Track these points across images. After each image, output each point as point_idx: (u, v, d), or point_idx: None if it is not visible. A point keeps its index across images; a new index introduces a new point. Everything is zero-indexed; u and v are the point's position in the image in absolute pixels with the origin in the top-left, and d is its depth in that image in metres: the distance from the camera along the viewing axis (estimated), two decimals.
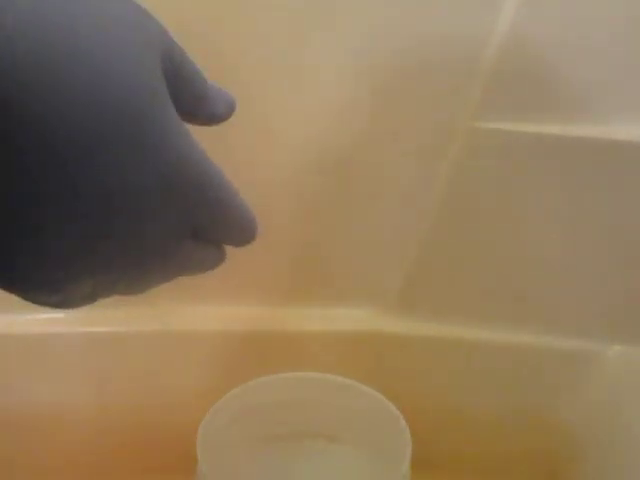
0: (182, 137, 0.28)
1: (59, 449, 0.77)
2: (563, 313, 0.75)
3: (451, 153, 0.70)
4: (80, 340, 0.74)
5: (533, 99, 0.68)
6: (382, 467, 0.68)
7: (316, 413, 0.71)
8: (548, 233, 0.73)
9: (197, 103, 0.31)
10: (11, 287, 0.28)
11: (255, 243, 0.75)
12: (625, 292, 0.74)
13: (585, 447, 0.76)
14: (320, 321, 0.76)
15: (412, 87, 0.68)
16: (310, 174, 0.72)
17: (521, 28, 0.66)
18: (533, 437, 0.78)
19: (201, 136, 0.29)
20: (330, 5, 0.67)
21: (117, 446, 0.78)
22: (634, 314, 0.74)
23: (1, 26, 0.23)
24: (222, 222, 0.31)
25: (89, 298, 0.31)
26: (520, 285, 0.75)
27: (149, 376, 0.77)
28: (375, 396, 0.68)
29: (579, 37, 0.66)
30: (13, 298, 0.28)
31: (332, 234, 0.75)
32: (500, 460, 0.79)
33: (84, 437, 0.77)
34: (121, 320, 0.73)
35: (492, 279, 0.75)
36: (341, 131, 0.70)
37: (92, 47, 0.25)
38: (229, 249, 0.35)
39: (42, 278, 0.27)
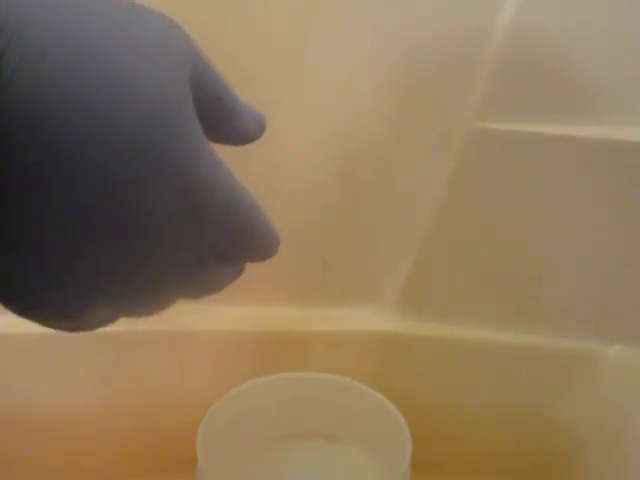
0: (209, 157, 0.27)
1: (59, 449, 0.77)
2: (563, 313, 0.75)
3: (451, 153, 0.70)
4: (80, 340, 0.74)
5: (534, 99, 0.68)
6: (382, 467, 0.68)
7: (316, 413, 0.71)
8: (548, 233, 0.73)
9: (226, 121, 0.30)
10: (26, 314, 0.27)
11: None
12: (625, 292, 0.73)
13: (585, 447, 0.75)
14: (320, 321, 0.76)
15: (412, 87, 0.68)
16: (310, 175, 0.72)
17: (522, 28, 0.66)
18: (533, 437, 0.78)
19: None
20: (330, 6, 0.67)
21: (117, 446, 0.78)
22: (634, 314, 0.74)
23: (35, 39, 0.22)
24: (248, 244, 0.31)
25: (107, 321, 0.30)
26: (520, 285, 0.75)
27: (149, 376, 0.77)
28: (375, 396, 0.68)
29: (580, 37, 0.66)
30: None
31: (333, 234, 0.75)
32: (500, 460, 0.79)
33: (84, 437, 0.77)
34: (121, 320, 0.73)
35: (492, 279, 0.75)
36: (341, 132, 0.70)
37: (120, 63, 0.24)
38: None
39: (59, 305, 0.26)
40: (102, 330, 0.82)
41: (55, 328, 0.29)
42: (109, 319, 0.30)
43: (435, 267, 0.75)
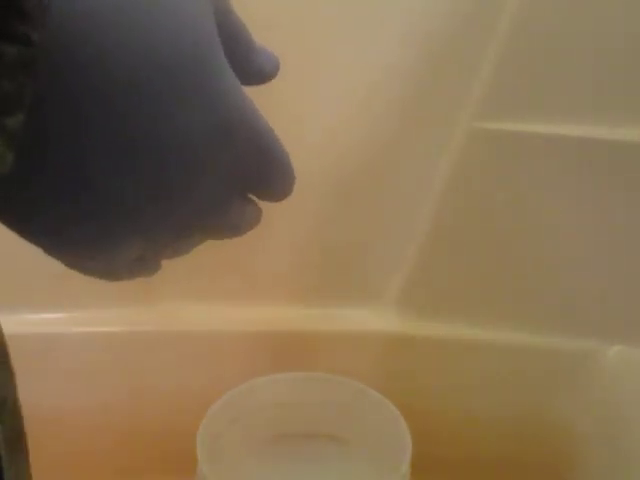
0: (235, 87, 0.27)
1: (59, 449, 0.77)
2: (563, 313, 0.75)
3: (451, 153, 0.70)
4: (80, 340, 0.74)
5: (533, 99, 0.68)
6: (382, 467, 0.68)
7: (316, 413, 0.71)
8: (548, 233, 0.73)
9: (244, 58, 0.30)
10: (61, 250, 0.27)
11: (256, 244, 0.75)
12: (625, 292, 0.74)
13: (585, 447, 0.76)
14: (321, 321, 0.76)
15: (412, 87, 0.68)
16: (311, 175, 0.72)
17: (522, 29, 0.66)
18: (533, 437, 0.78)
19: None
20: (329, 5, 0.67)
21: (117, 446, 0.78)
22: (634, 314, 0.74)
23: None
24: (271, 178, 0.31)
25: (136, 265, 0.30)
26: (520, 285, 0.75)
27: (149, 376, 0.77)
28: (375, 396, 0.68)
29: (580, 38, 0.66)
30: (13, 298, 0.28)
31: (333, 235, 0.75)
32: (499, 460, 0.79)
33: (84, 437, 0.77)
34: (121, 320, 0.73)
35: (492, 279, 0.75)
36: (341, 132, 0.71)
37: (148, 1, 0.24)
38: (233, 244, 0.35)
39: (93, 237, 0.26)
40: (102, 330, 0.82)
41: (85, 271, 0.29)
42: (139, 261, 0.29)
43: (435, 267, 0.75)
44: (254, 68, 0.31)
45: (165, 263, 0.31)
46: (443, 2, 0.66)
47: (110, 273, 0.30)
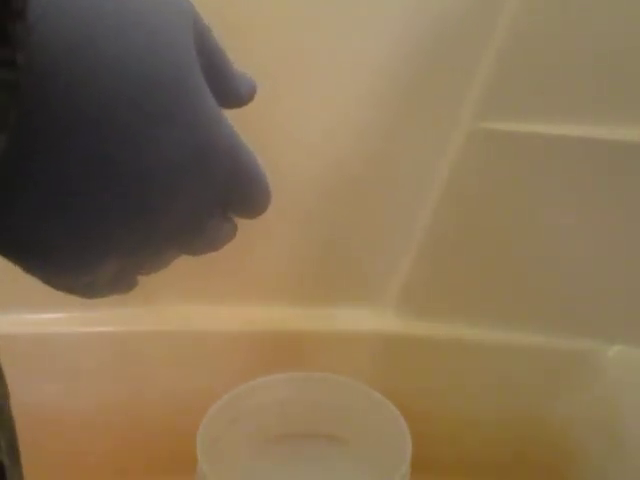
0: (214, 108, 0.28)
1: (59, 449, 0.77)
2: (563, 313, 0.75)
3: (451, 153, 0.70)
4: (80, 340, 0.74)
5: (533, 99, 0.68)
6: (382, 467, 0.68)
7: (316, 413, 0.71)
8: (548, 233, 0.73)
9: (224, 82, 0.30)
10: (42, 269, 0.28)
11: (256, 243, 0.76)
12: (625, 292, 0.74)
13: (585, 447, 0.76)
14: (320, 321, 0.76)
15: (412, 88, 0.68)
16: (310, 176, 0.72)
17: (521, 29, 0.66)
18: (533, 437, 0.78)
19: None
20: (328, 6, 0.67)
21: (117, 446, 0.78)
22: (634, 314, 0.74)
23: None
24: (248, 193, 0.31)
25: (115, 281, 0.30)
26: (520, 285, 0.75)
27: (149, 376, 0.77)
28: (375, 396, 0.68)
29: (579, 38, 0.66)
30: (13, 298, 0.28)
31: (333, 235, 0.75)
32: (499, 460, 0.79)
33: (84, 437, 0.77)
34: (121, 320, 0.73)
35: (492, 279, 0.75)
36: (341, 132, 0.71)
37: (127, 18, 0.25)
38: (233, 244, 0.35)
39: (74, 256, 0.27)
40: (102, 330, 0.82)
41: (66, 289, 0.30)
42: (118, 278, 0.30)
43: (435, 267, 0.75)
44: (232, 92, 0.31)
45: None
46: (443, 2, 0.66)
47: (90, 290, 0.30)
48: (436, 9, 0.66)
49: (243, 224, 0.32)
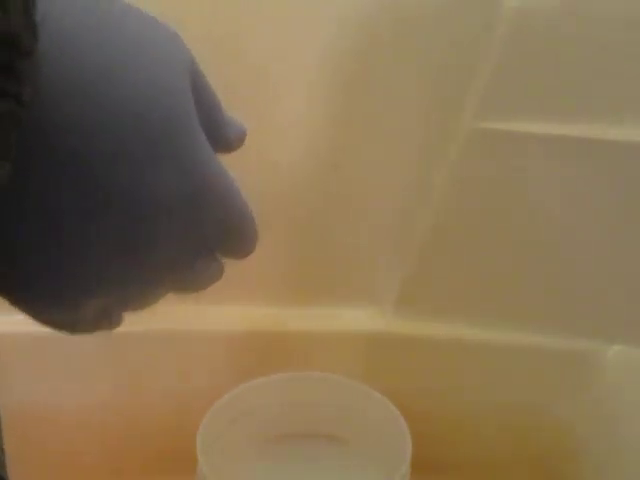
0: (210, 153, 0.28)
1: (58, 449, 0.77)
2: (563, 313, 0.75)
3: (451, 153, 0.70)
4: (80, 340, 0.74)
5: (533, 99, 0.68)
6: (382, 467, 0.68)
7: (316, 413, 0.71)
8: (547, 233, 0.73)
9: (216, 127, 0.31)
10: (27, 304, 0.28)
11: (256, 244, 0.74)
12: (625, 292, 0.74)
13: (585, 447, 0.76)
14: (320, 321, 0.76)
15: (412, 87, 0.68)
16: (310, 174, 0.72)
17: (521, 28, 0.66)
18: (533, 437, 0.78)
19: None
20: (329, 6, 0.67)
21: (116, 446, 0.78)
22: (634, 314, 0.74)
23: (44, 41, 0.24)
24: (237, 235, 0.32)
25: (100, 318, 0.31)
26: (520, 285, 0.75)
27: (149, 376, 0.77)
28: (375, 396, 0.68)
29: (579, 38, 0.66)
30: None
31: (332, 235, 0.75)
32: (500, 460, 0.79)
33: (84, 437, 0.77)
34: None
35: (492, 279, 0.75)
36: (341, 132, 0.71)
37: (127, 62, 0.26)
38: None
39: (59, 291, 0.27)
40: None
41: (50, 323, 0.30)
42: (103, 314, 0.31)
43: (434, 267, 0.75)
44: (222, 138, 0.31)
45: None
46: (443, 1, 0.66)
47: (74, 326, 0.30)
48: (436, 8, 0.66)
49: None
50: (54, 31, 0.24)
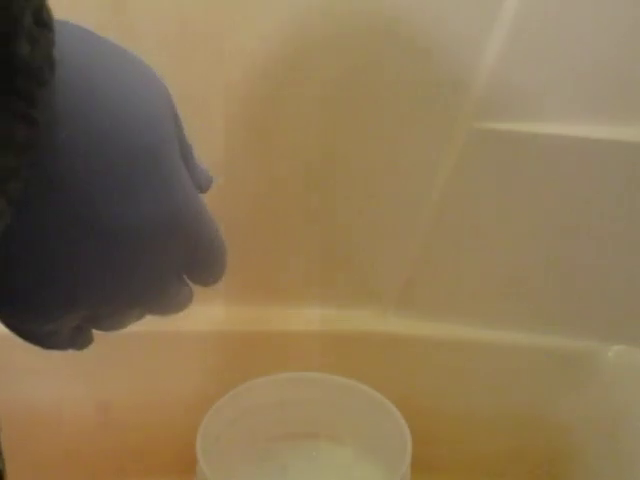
0: (187, 180, 0.31)
1: (58, 449, 0.77)
2: (563, 313, 0.75)
3: (451, 153, 0.70)
4: None
5: (533, 99, 0.68)
6: (382, 467, 0.68)
7: (316, 413, 0.71)
8: (548, 233, 0.73)
9: (189, 169, 0.32)
10: (10, 315, 0.29)
11: (256, 243, 0.75)
12: (625, 292, 0.74)
13: (585, 447, 0.76)
14: (320, 321, 0.76)
15: (412, 87, 0.68)
16: (309, 174, 0.72)
17: (521, 28, 0.66)
18: (533, 437, 0.78)
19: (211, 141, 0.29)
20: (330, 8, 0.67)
21: (117, 446, 0.78)
22: (634, 314, 0.74)
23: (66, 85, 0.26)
24: (208, 262, 0.34)
25: (75, 335, 0.33)
26: (520, 285, 0.75)
27: (149, 376, 0.77)
28: (375, 396, 0.68)
29: (579, 38, 0.66)
30: None
31: (332, 235, 0.75)
32: (500, 460, 0.79)
33: (84, 437, 0.77)
34: None
35: (492, 279, 0.75)
36: (340, 131, 0.71)
37: (109, 91, 0.28)
38: (233, 244, 0.36)
39: (42, 304, 0.29)
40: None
41: (28, 337, 0.31)
42: (79, 331, 0.33)
43: (434, 267, 0.75)
44: (194, 180, 0.33)
45: None
46: (443, 1, 0.66)
47: (49, 340, 0.32)
48: (436, 8, 0.66)
49: (244, 225, 0.32)
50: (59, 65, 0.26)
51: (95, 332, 0.35)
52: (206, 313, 0.75)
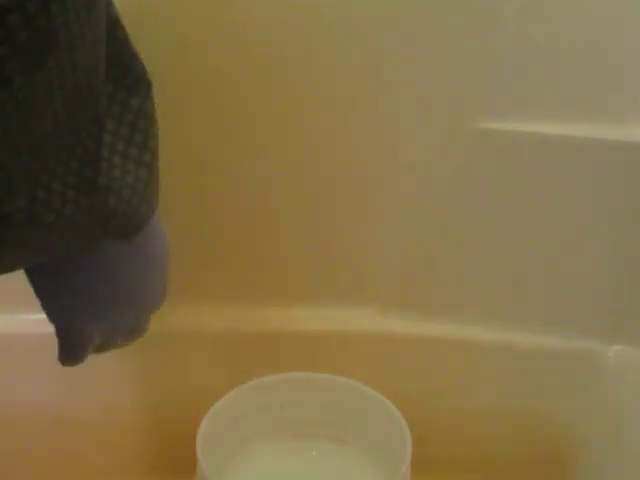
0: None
1: (59, 449, 0.77)
2: (563, 313, 0.75)
3: (452, 153, 0.70)
4: None
5: (533, 99, 0.68)
6: (382, 467, 0.68)
7: (316, 413, 0.71)
8: (548, 233, 0.73)
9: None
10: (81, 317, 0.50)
11: (256, 243, 0.75)
12: (625, 292, 0.74)
13: (585, 447, 0.76)
14: (320, 321, 0.76)
15: (412, 87, 0.68)
16: (309, 174, 0.72)
17: (522, 28, 0.66)
18: (533, 437, 0.78)
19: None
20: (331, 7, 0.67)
21: (117, 446, 0.78)
22: (634, 314, 0.74)
23: None
24: (133, 336, 0.55)
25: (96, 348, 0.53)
26: (520, 285, 0.75)
27: (149, 376, 0.77)
28: (375, 396, 0.68)
29: (580, 37, 0.66)
30: (13, 298, 0.28)
31: (332, 234, 0.75)
32: (500, 460, 0.79)
33: (84, 437, 0.77)
34: None
35: (492, 279, 0.75)
36: (340, 131, 0.71)
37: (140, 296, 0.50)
38: (233, 244, 0.36)
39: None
40: None
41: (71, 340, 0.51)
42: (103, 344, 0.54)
43: (435, 267, 0.75)
44: None
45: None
46: (443, 1, 0.66)
47: (85, 347, 0.54)
48: (436, 8, 0.66)
49: (245, 224, 0.32)
50: None
51: None
52: (206, 313, 0.75)
